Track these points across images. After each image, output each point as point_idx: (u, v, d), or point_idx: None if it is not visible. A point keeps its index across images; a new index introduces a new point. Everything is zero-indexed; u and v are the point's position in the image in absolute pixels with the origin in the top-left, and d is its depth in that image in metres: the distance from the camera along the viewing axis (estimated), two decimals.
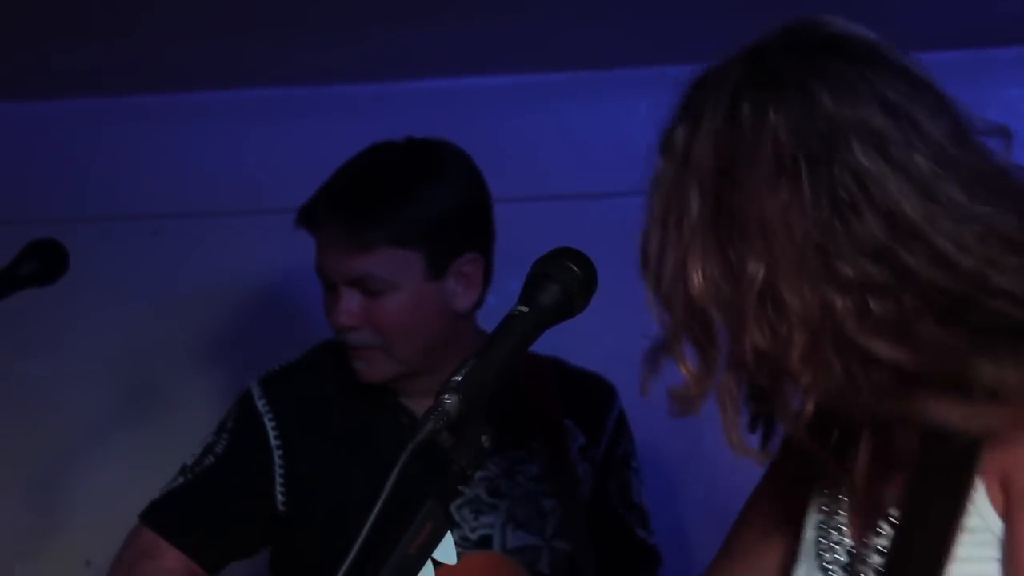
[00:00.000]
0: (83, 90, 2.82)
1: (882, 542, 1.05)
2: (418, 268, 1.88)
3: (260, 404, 1.98)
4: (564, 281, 1.09)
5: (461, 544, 1.60)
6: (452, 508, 1.85)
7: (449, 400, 0.96)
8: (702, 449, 2.38)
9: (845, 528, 1.11)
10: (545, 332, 1.08)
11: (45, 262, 1.86)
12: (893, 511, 1.04)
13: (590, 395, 2.13)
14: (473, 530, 1.94)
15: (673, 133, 1.04)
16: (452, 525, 1.29)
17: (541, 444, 1.98)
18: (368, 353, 1.91)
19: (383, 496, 0.93)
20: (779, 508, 1.22)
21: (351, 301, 1.87)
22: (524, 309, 1.08)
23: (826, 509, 1.14)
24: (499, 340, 1.05)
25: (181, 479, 1.98)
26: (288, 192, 2.12)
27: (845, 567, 1.10)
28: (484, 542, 1.93)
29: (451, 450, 0.98)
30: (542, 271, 1.10)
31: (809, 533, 1.15)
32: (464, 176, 1.97)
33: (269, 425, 1.96)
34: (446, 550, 0.98)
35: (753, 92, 0.98)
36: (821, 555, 1.12)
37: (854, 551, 1.09)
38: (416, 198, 1.90)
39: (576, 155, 2.84)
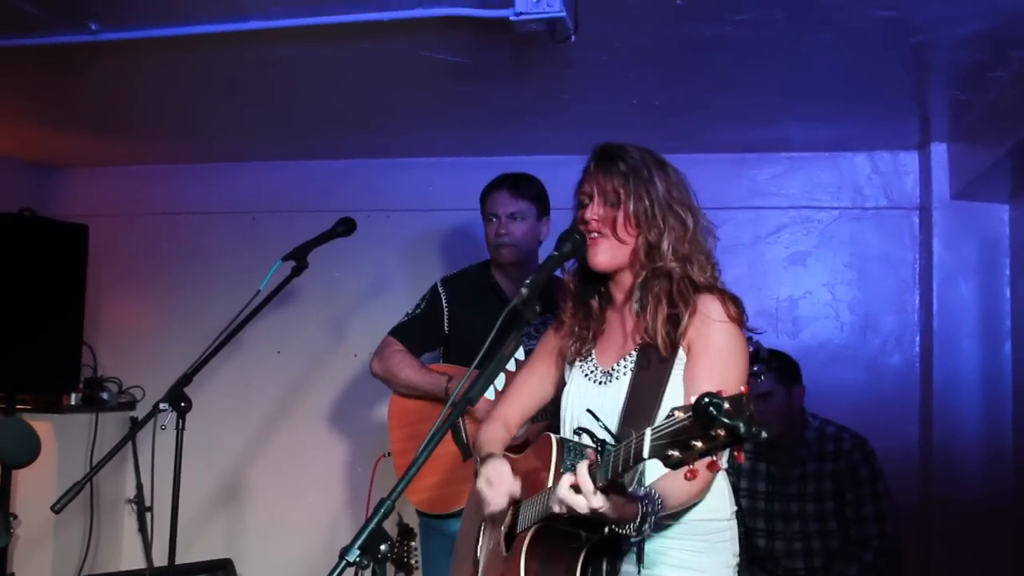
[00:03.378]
0: None
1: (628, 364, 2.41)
2: (532, 213, 3.78)
3: (440, 287, 3.95)
4: (574, 239, 2.44)
5: None
6: None
7: (524, 290, 2.32)
8: None
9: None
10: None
11: (347, 225, 3.63)
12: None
13: None
14: None
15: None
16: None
17: None
18: (509, 250, 3.80)
19: (495, 328, 2.32)
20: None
21: (508, 224, 3.77)
22: (555, 253, 2.43)
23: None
24: (544, 266, 2.41)
25: (405, 318, 3.96)
26: None
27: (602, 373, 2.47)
28: None
29: (523, 310, 2.33)
30: (560, 237, 2.45)
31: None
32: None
33: (443, 296, 3.91)
34: (519, 355, 2.35)
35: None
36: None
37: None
38: (533, 184, 3.81)
39: None
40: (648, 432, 1.82)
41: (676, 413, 1.75)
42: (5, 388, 4.43)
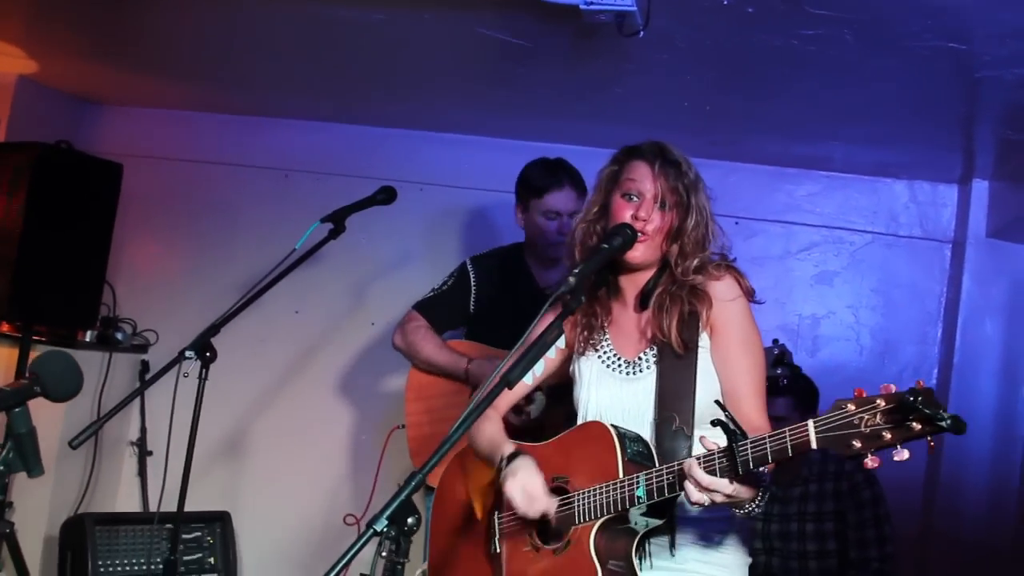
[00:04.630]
0: None
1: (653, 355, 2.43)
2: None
3: (469, 266, 3.93)
4: (625, 235, 2.43)
5: None
6: None
7: (572, 279, 2.31)
8: None
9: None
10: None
11: (388, 194, 3.64)
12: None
13: None
14: None
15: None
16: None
17: None
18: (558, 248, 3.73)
19: (539, 316, 2.32)
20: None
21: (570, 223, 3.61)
22: (605, 246, 2.42)
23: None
24: (594, 257, 2.40)
25: (431, 293, 3.94)
26: None
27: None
28: None
29: (571, 300, 2.33)
30: (613, 231, 2.44)
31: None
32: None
33: (472, 275, 3.89)
34: (560, 343, 2.34)
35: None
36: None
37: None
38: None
39: None
40: (811, 424, 1.92)
41: (847, 406, 1.87)
42: (23, 317, 4.44)
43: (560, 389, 2.90)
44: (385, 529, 1.96)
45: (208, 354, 3.21)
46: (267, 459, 5.10)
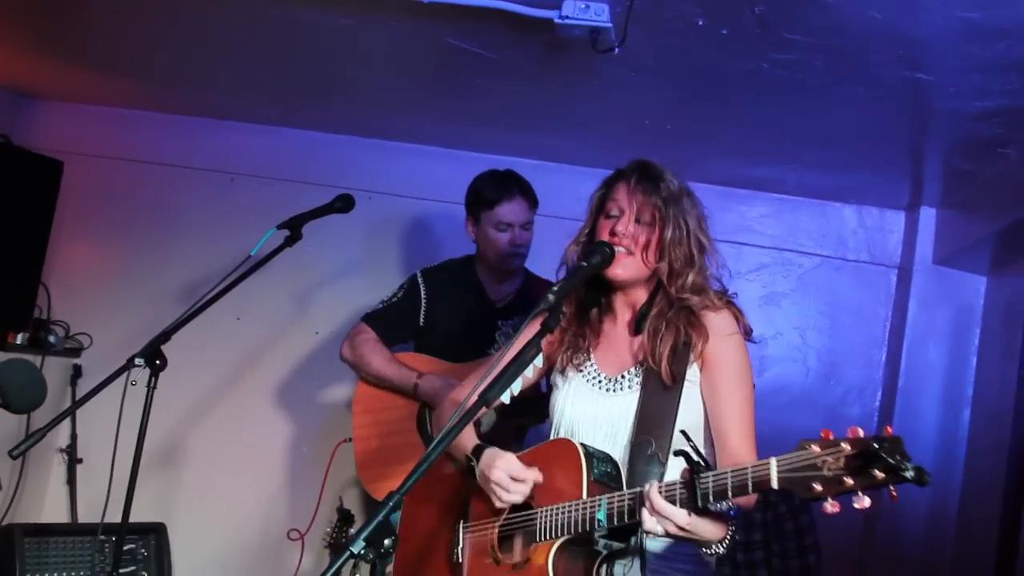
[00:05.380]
0: None
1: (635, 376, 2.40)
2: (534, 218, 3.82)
3: (420, 278, 3.90)
4: (604, 253, 2.41)
5: None
6: None
7: (551, 296, 2.27)
8: None
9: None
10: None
11: (346, 202, 3.55)
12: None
13: None
14: None
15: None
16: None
17: None
18: (521, 259, 3.84)
19: (517, 334, 2.27)
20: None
21: (522, 235, 3.78)
22: (584, 264, 2.40)
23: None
24: (574, 275, 2.38)
25: (381, 305, 3.90)
26: None
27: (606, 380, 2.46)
28: None
29: (549, 318, 2.29)
30: (591, 249, 2.41)
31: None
32: None
33: (422, 288, 3.86)
34: (537, 362, 2.30)
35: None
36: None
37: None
38: (531, 187, 3.83)
39: None
40: (774, 462, 1.84)
41: (811, 447, 1.77)
42: None
43: (511, 406, 2.87)
44: (363, 551, 1.91)
45: (158, 362, 3.10)
46: (204, 470, 4.95)
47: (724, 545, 2.07)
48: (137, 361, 3.03)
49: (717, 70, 3.28)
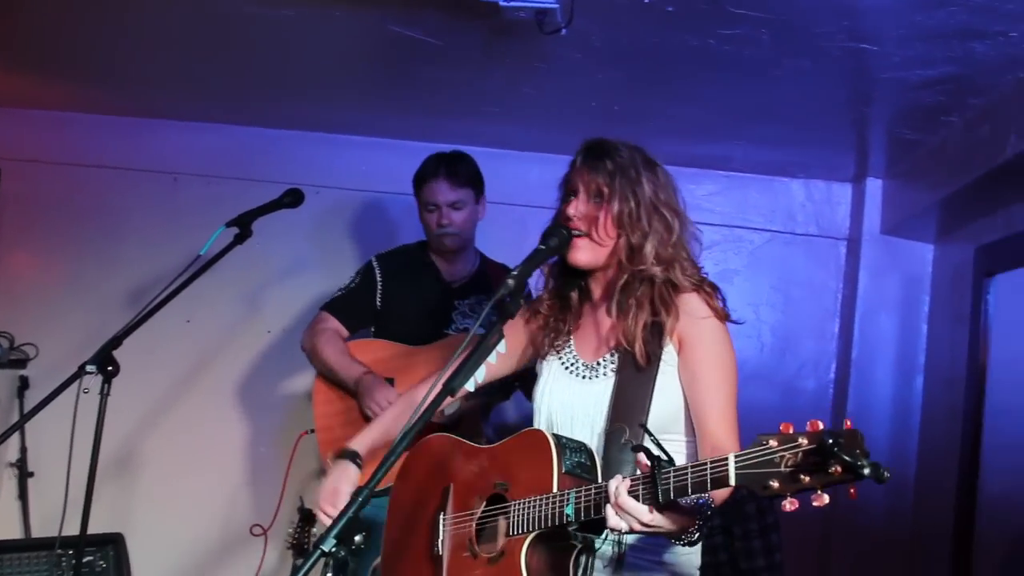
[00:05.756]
0: None
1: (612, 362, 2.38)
2: (471, 198, 3.78)
3: (375, 263, 3.92)
4: (560, 235, 2.39)
5: None
6: None
7: (510, 281, 2.25)
8: None
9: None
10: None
11: (295, 197, 3.57)
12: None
13: None
14: None
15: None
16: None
17: None
18: (452, 239, 3.79)
19: (478, 321, 2.25)
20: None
21: (449, 214, 3.74)
22: (541, 247, 2.38)
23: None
24: (531, 259, 2.35)
25: (338, 292, 3.92)
26: None
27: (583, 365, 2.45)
28: None
29: (510, 303, 2.27)
30: (548, 232, 2.40)
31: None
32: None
33: (377, 272, 3.87)
34: (500, 348, 2.28)
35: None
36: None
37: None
38: (469, 166, 3.76)
39: None
40: (732, 458, 1.78)
41: (769, 441, 1.71)
42: None
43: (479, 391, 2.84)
44: (334, 549, 1.88)
45: (111, 368, 3.04)
46: (160, 476, 4.87)
47: (690, 535, 2.00)
48: (89, 368, 2.97)
49: (664, 48, 3.27)
